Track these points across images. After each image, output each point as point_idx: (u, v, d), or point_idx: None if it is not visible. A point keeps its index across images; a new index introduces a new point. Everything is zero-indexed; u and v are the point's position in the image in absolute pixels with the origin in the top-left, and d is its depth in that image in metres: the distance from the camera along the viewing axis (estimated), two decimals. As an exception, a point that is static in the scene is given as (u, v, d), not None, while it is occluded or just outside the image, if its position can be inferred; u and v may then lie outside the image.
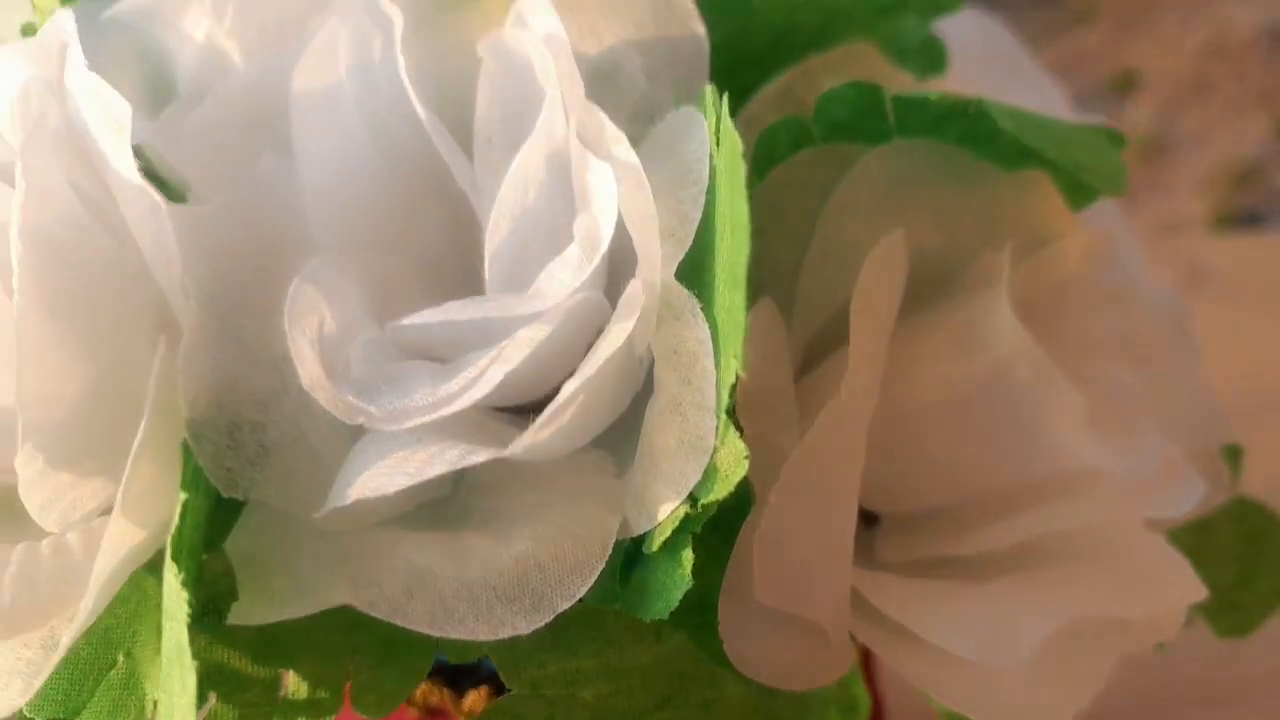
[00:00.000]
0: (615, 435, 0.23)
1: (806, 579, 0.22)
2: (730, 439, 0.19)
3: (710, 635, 0.22)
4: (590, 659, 0.23)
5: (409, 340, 0.22)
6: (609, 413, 0.22)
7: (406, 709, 0.28)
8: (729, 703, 0.24)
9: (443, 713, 0.28)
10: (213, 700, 0.23)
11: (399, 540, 0.22)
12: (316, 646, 0.23)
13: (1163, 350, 0.26)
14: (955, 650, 0.22)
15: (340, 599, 0.21)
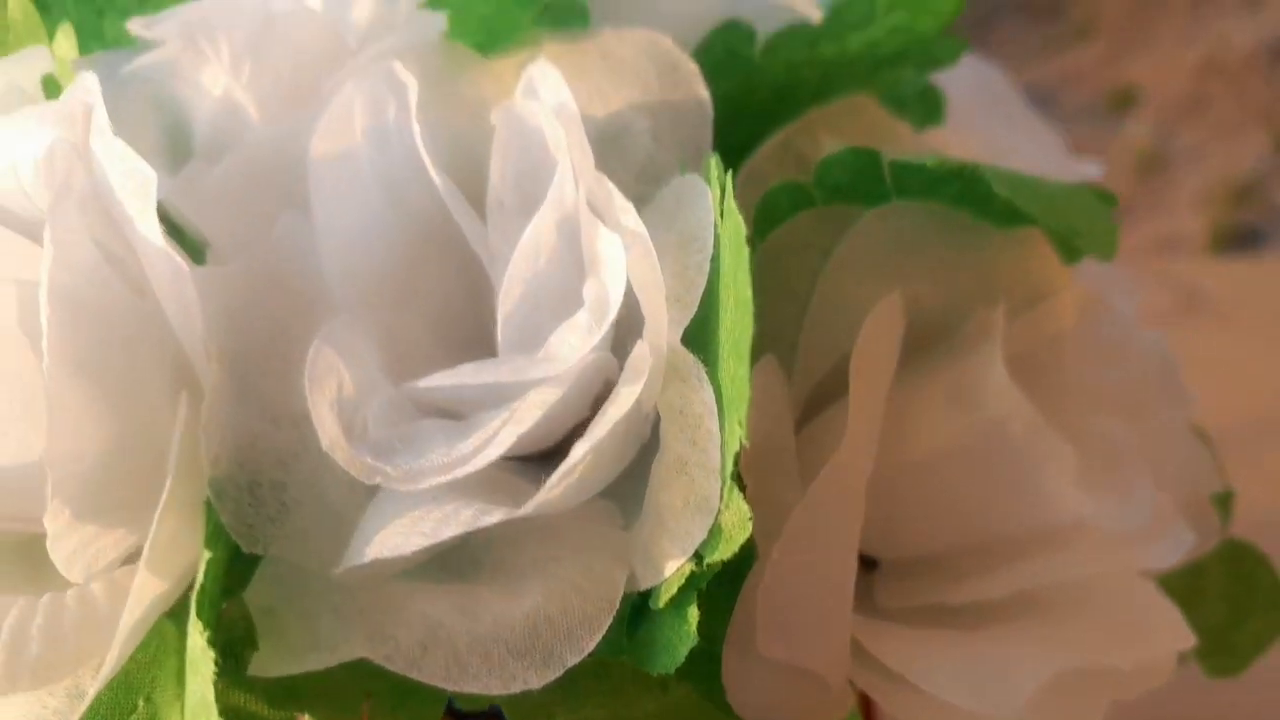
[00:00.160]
0: (621, 484, 0.23)
1: (808, 631, 0.23)
2: (735, 502, 0.20)
3: (715, 685, 0.23)
4: (598, 709, 0.23)
5: (424, 399, 0.23)
6: (616, 467, 0.23)
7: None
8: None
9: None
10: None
11: (412, 594, 0.22)
12: (332, 691, 0.24)
13: (1154, 400, 0.27)
14: (951, 699, 0.23)
15: (357, 652, 0.21)
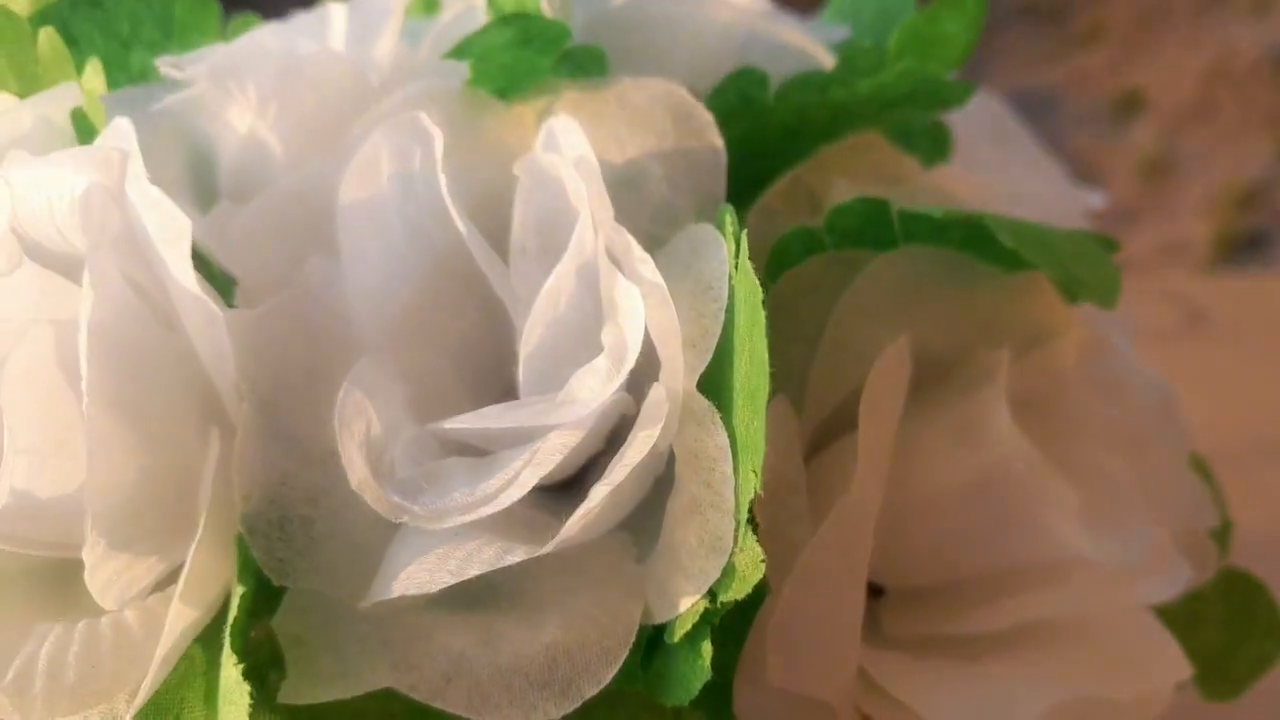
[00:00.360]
0: (636, 516, 0.24)
1: (817, 662, 0.23)
2: (749, 544, 0.21)
3: (727, 714, 0.24)
4: (613, 736, 0.24)
5: (449, 438, 0.24)
6: (632, 503, 0.24)
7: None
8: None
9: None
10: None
11: (435, 624, 0.23)
12: (354, 715, 0.25)
13: (1153, 438, 0.28)
14: (954, 728, 0.24)
15: (383, 681, 0.22)
